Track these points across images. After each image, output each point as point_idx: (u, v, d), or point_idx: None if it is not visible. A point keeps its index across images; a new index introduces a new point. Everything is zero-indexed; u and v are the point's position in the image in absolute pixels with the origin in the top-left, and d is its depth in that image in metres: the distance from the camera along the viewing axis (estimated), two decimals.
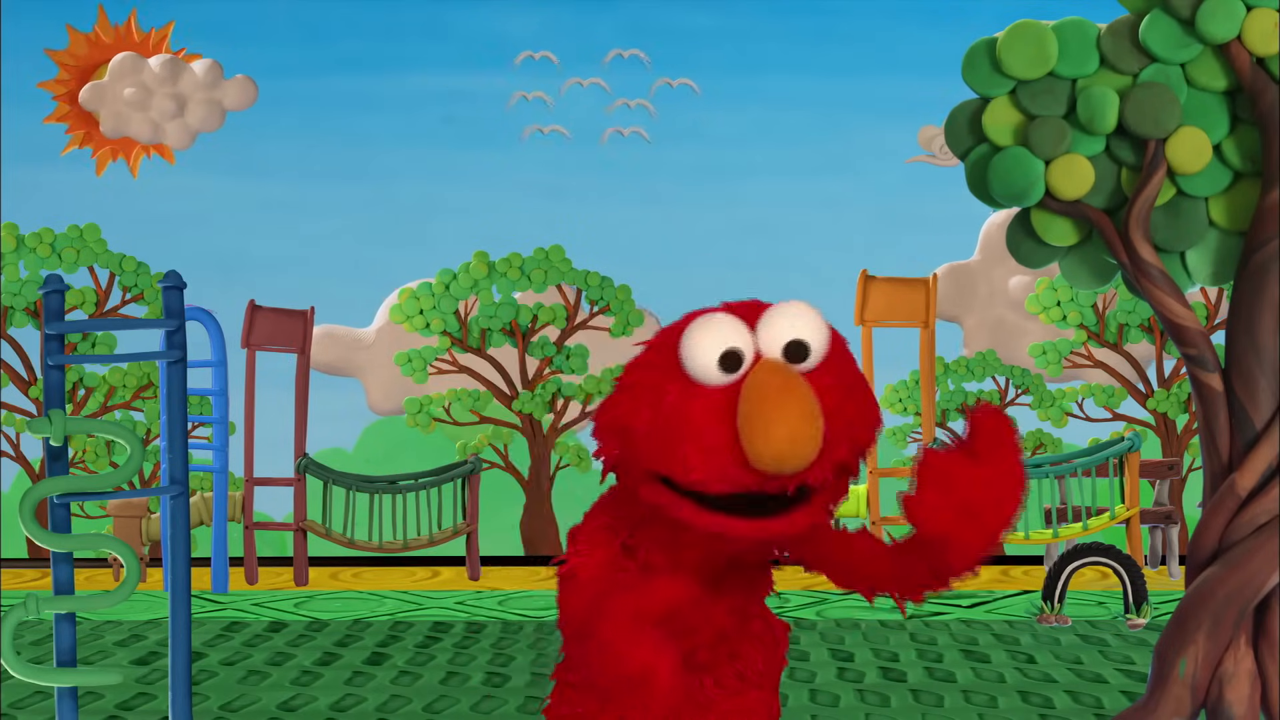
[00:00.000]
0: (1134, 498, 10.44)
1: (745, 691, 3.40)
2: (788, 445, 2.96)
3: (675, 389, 3.08)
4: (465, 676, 7.26)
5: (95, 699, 6.61)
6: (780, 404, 2.98)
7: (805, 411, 2.98)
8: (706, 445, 3.03)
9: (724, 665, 3.36)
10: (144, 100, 12.92)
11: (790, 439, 2.96)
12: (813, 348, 3.10)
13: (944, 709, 6.46)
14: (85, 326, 5.17)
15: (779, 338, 3.10)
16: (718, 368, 3.06)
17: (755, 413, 2.98)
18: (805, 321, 3.12)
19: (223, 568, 10.61)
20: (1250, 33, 5.09)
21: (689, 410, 3.05)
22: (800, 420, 2.97)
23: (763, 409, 2.98)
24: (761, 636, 3.42)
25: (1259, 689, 5.17)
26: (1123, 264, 5.21)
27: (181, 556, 5.03)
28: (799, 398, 3.00)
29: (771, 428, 2.96)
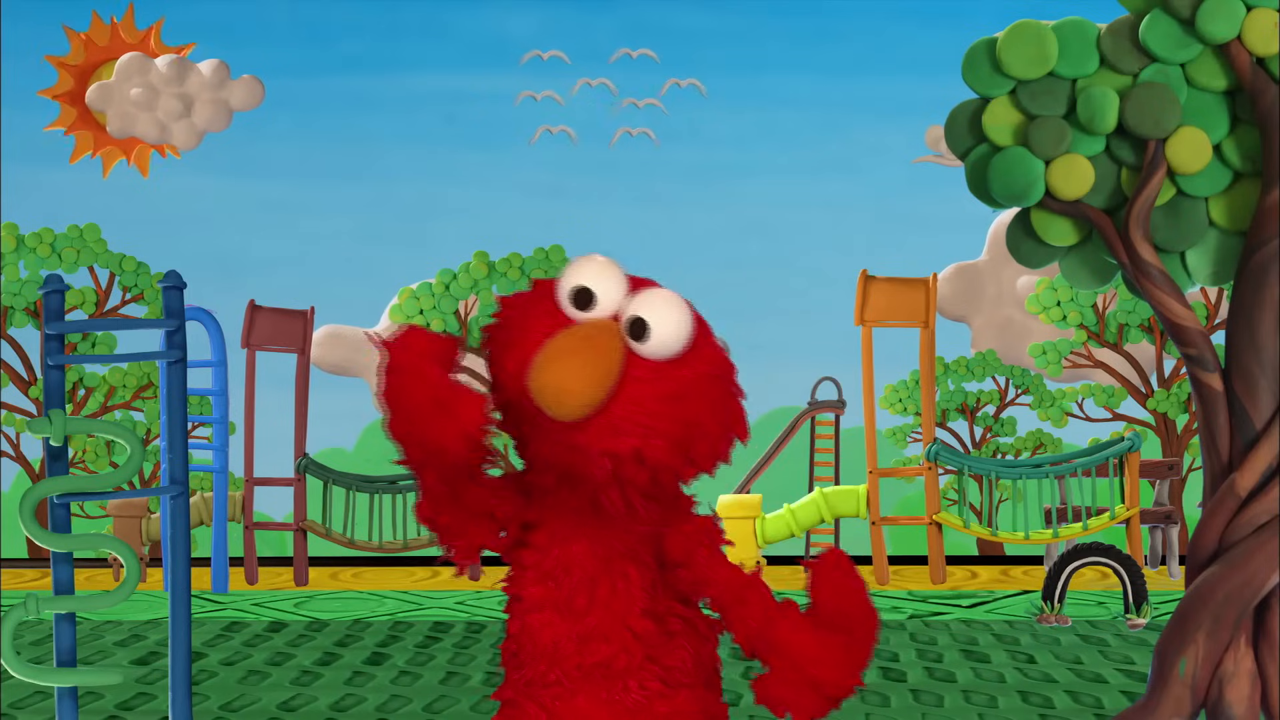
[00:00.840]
0: (1134, 498, 10.44)
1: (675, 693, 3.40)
2: (552, 384, 3.06)
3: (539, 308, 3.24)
4: (465, 676, 7.27)
5: (95, 699, 6.61)
6: (568, 349, 3.09)
7: (586, 370, 3.09)
8: (524, 357, 3.15)
9: (645, 669, 3.38)
10: (151, 100, 12.94)
11: (556, 380, 3.06)
12: (654, 334, 3.18)
13: (944, 709, 6.46)
14: (85, 326, 5.16)
15: (635, 310, 3.21)
16: (569, 299, 3.21)
17: (550, 346, 3.11)
18: (664, 311, 3.21)
19: (223, 568, 10.61)
20: (1250, 33, 5.08)
21: (532, 323, 3.20)
22: (574, 371, 3.07)
23: (555, 346, 3.10)
24: (683, 634, 3.43)
25: (1259, 689, 5.17)
26: (1123, 264, 5.21)
27: (181, 556, 5.03)
28: (590, 355, 3.10)
29: (549, 364, 3.07)
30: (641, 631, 3.35)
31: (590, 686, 3.36)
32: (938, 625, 8.83)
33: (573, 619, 3.35)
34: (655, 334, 3.18)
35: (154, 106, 13.05)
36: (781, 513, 11.32)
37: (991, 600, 9.92)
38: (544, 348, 3.11)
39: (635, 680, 3.37)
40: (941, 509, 11.04)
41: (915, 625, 8.82)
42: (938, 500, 11.02)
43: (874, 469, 11.12)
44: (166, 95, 13.06)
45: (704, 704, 3.46)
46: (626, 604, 3.35)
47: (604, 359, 3.11)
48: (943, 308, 13.72)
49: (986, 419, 14.01)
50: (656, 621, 3.38)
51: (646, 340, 3.18)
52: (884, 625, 8.75)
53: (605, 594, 3.33)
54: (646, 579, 3.38)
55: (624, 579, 3.35)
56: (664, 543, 3.37)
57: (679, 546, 3.37)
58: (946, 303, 13.70)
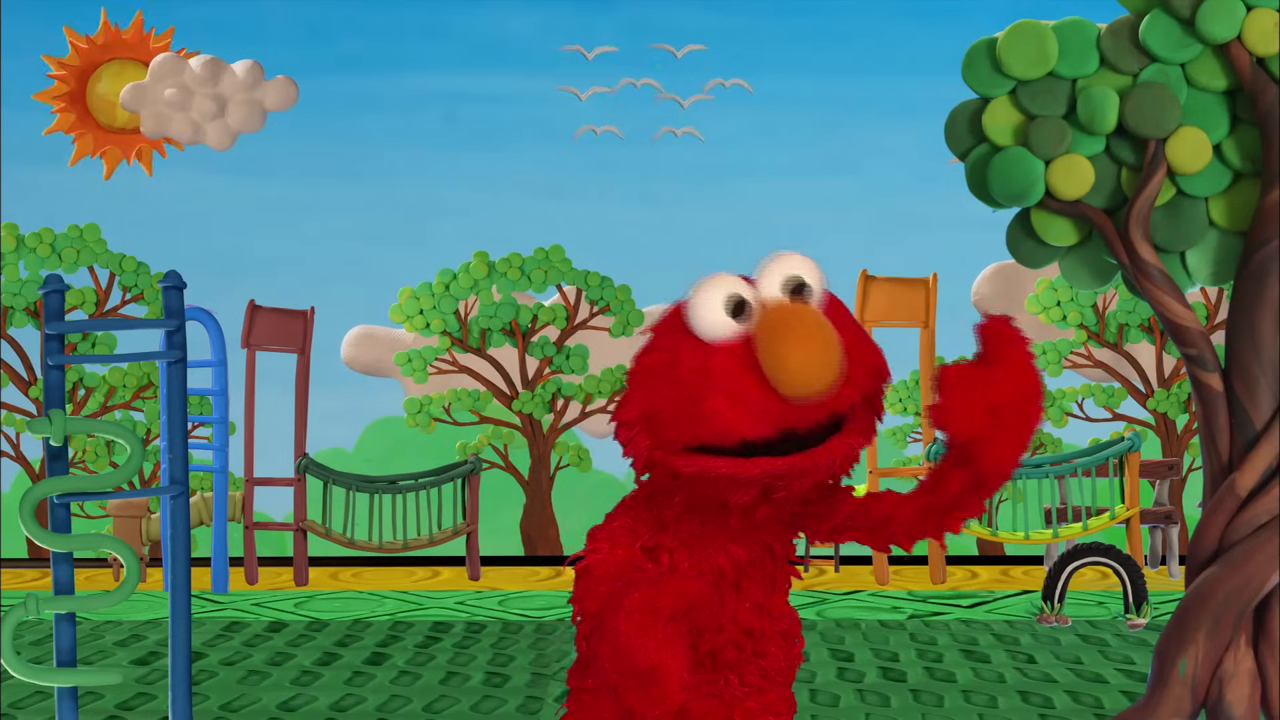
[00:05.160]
0: (1134, 498, 10.44)
1: (768, 689, 3.41)
2: (810, 367, 3.06)
3: (689, 355, 3.16)
4: (465, 676, 7.26)
5: (95, 699, 6.61)
6: (795, 330, 3.09)
7: (821, 336, 3.10)
8: (733, 392, 3.10)
9: (748, 664, 3.39)
10: (184, 101, 12.94)
11: (811, 360, 3.06)
12: (811, 285, 3.23)
13: (944, 709, 6.46)
14: (85, 326, 5.17)
15: (778, 280, 3.23)
16: (727, 316, 3.17)
17: (774, 342, 3.08)
18: (800, 262, 3.27)
19: (223, 568, 10.61)
20: (1250, 33, 5.08)
21: (708, 367, 3.14)
22: (817, 344, 3.08)
23: (780, 337, 3.08)
24: (784, 633, 3.44)
25: (1259, 689, 5.17)
26: (1123, 264, 5.21)
27: (181, 556, 5.03)
28: (812, 323, 3.12)
29: (792, 352, 3.06)
30: (751, 627, 3.35)
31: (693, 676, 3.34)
32: (938, 625, 8.83)
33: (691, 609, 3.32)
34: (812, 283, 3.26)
35: (188, 107, 13.05)
36: None
37: (991, 600, 9.92)
38: (768, 349, 3.07)
39: (735, 675, 3.37)
40: None
41: (915, 625, 8.82)
42: None
43: (874, 469, 11.12)
44: (200, 96, 13.06)
45: (789, 702, 3.47)
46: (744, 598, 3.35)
47: (822, 319, 3.15)
48: (982, 308, 13.72)
49: None
50: (766, 618, 3.38)
51: (809, 294, 3.24)
52: (884, 625, 8.78)
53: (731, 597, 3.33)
54: (769, 574, 3.38)
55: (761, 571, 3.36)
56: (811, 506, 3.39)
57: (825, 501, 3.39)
58: (986, 303, 13.69)
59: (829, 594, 10.13)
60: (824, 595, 10.06)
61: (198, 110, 13.08)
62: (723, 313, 3.17)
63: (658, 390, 3.18)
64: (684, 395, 3.14)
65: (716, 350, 3.13)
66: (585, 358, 13.26)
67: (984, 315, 3.37)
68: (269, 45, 15.52)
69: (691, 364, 3.14)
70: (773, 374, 3.05)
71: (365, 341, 13.51)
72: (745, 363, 3.09)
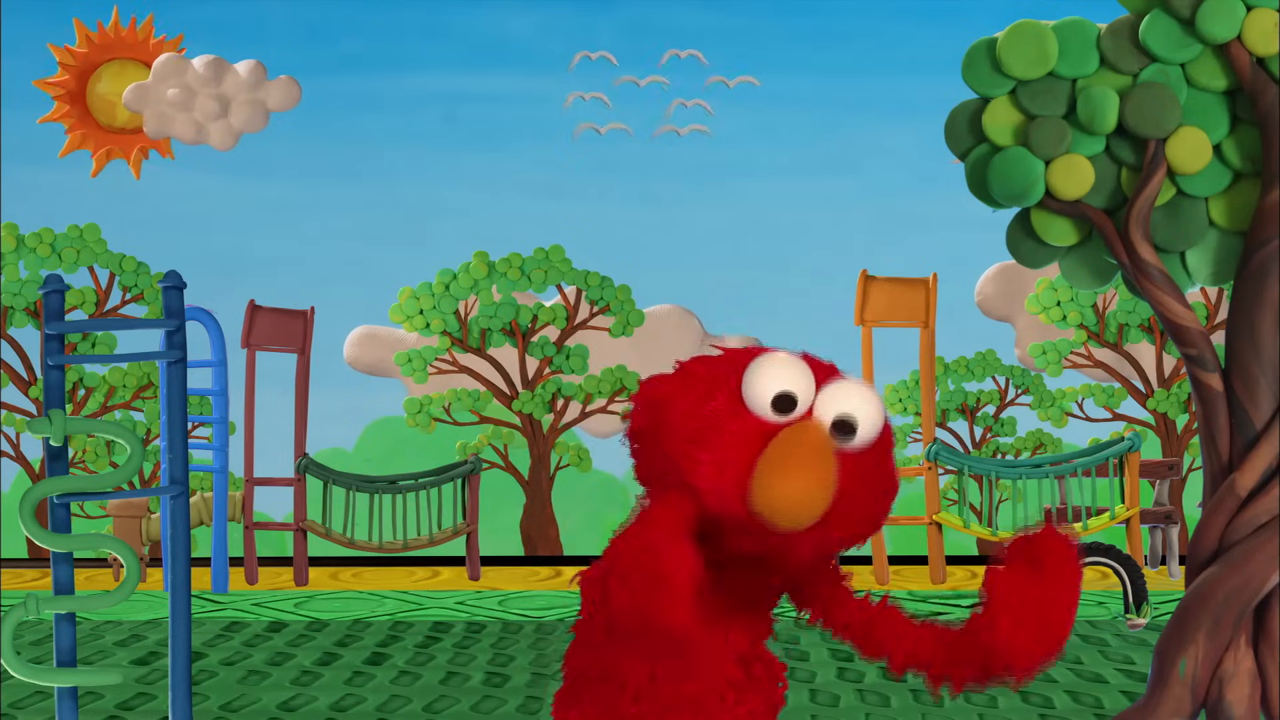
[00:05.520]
0: (1134, 498, 10.44)
1: None
2: (793, 504, 3.02)
3: (725, 398, 3.13)
4: (465, 676, 7.26)
5: (95, 699, 6.61)
6: (806, 463, 3.04)
7: (822, 480, 3.04)
8: (723, 460, 3.07)
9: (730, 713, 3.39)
10: (187, 101, 12.94)
11: (798, 501, 3.02)
12: (860, 432, 3.15)
13: (944, 709, 6.45)
14: (85, 326, 5.17)
15: (836, 407, 3.14)
16: (769, 405, 3.12)
17: (779, 458, 3.04)
18: (864, 405, 3.16)
19: (223, 568, 10.61)
20: (1250, 33, 5.08)
21: (726, 422, 3.10)
22: (814, 486, 3.03)
23: (788, 459, 3.03)
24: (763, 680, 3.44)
25: (1259, 689, 5.17)
26: (1123, 264, 5.21)
27: (181, 556, 5.03)
28: (824, 466, 3.05)
29: (788, 482, 3.02)
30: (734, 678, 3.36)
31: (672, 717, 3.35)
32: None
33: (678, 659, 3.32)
34: (861, 432, 3.15)
35: (190, 107, 13.05)
36: None
37: None
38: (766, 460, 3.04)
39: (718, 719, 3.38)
40: (941, 509, 11.04)
41: None
42: (938, 500, 11.02)
43: None
44: (203, 96, 13.06)
45: None
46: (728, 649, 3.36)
47: (830, 468, 3.07)
48: (985, 307, 13.72)
49: (986, 419, 14.01)
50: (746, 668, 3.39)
51: (853, 439, 3.15)
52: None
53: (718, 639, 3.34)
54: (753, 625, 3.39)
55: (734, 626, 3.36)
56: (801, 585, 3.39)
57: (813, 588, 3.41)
58: (990, 303, 13.69)
59: None
60: None
61: (200, 110, 13.08)
62: (768, 399, 3.12)
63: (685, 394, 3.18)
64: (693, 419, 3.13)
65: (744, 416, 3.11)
66: (585, 358, 13.26)
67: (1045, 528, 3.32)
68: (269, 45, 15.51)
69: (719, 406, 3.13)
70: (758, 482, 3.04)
71: (368, 341, 13.51)
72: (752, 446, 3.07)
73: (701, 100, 15.17)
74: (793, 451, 3.06)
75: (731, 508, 3.07)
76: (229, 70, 13.23)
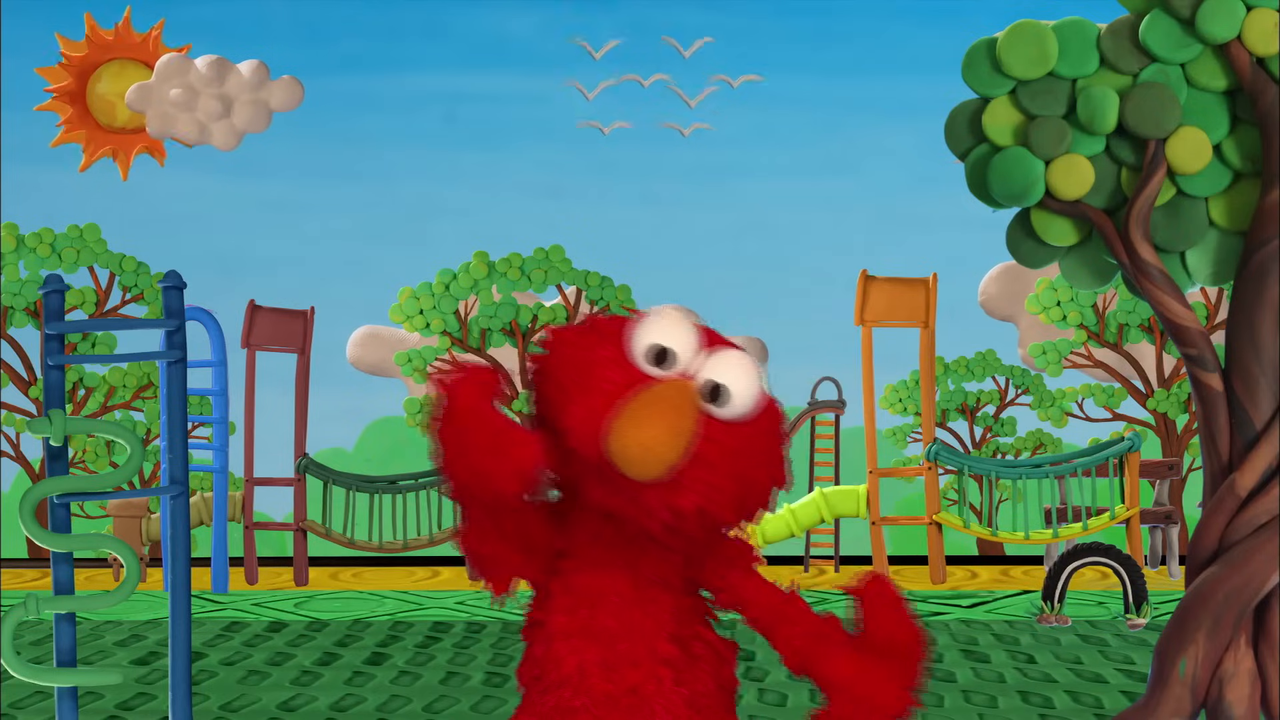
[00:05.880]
0: (1134, 498, 10.44)
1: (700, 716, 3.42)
2: (640, 450, 3.07)
3: (613, 350, 3.22)
4: (465, 676, 7.27)
5: (95, 699, 6.61)
6: (660, 415, 3.09)
7: (675, 439, 3.09)
8: (593, 406, 3.13)
9: (671, 694, 3.40)
10: (190, 101, 12.95)
11: (646, 448, 3.07)
12: (732, 399, 3.18)
13: (944, 709, 6.46)
14: (85, 326, 5.16)
15: (712, 372, 3.19)
16: (644, 357, 3.19)
17: (640, 407, 3.10)
18: (740, 375, 3.20)
19: (223, 568, 10.61)
20: (1250, 33, 5.08)
21: (606, 371, 3.18)
22: (666, 441, 3.08)
23: (646, 409, 3.10)
24: (705, 658, 3.44)
25: (1259, 689, 5.17)
26: (1123, 264, 5.21)
27: (181, 556, 5.03)
28: (679, 421, 3.10)
29: (639, 428, 3.08)
30: (668, 656, 3.37)
31: (616, 713, 3.37)
32: (938, 625, 8.83)
33: (601, 646, 3.37)
34: (733, 401, 3.19)
35: (193, 107, 13.06)
36: (781, 513, 11.32)
37: (991, 600, 9.92)
38: (627, 407, 3.10)
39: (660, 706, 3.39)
40: (941, 509, 11.04)
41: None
42: (938, 500, 11.02)
43: (874, 469, 11.12)
44: (206, 96, 13.07)
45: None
46: (655, 629, 3.37)
47: (688, 423, 3.11)
48: (988, 307, 13.73)
49: (986, 419, 14.01)
50: (682, 646, 3.40)
51: (724, 405, 3.18)
52: None
53: (637, 619, 3.36)
54: (675, 604, 3.40)
55: (654, 604, 3.37)
56: (700, 568, 3.40)
57: (715, 571, 3.40)
58: (993, 302, 13.70)
59: (829, 594, 10.13)
60: (824, 595, 10.05)
61: (203, 110, 13.09)
62: (643, 352, 3.20)
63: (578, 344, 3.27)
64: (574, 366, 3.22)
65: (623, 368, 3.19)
66: None
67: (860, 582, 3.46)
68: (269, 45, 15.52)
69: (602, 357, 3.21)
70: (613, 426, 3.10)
71: (371, 342, 13.52)
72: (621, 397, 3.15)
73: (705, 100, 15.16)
74: (651, 402, 3.11)
75: (590, 450, 3.12)
76: (232, 70, 13.23)
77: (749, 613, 3.41)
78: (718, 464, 3.16)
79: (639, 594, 3.37)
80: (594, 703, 3.36)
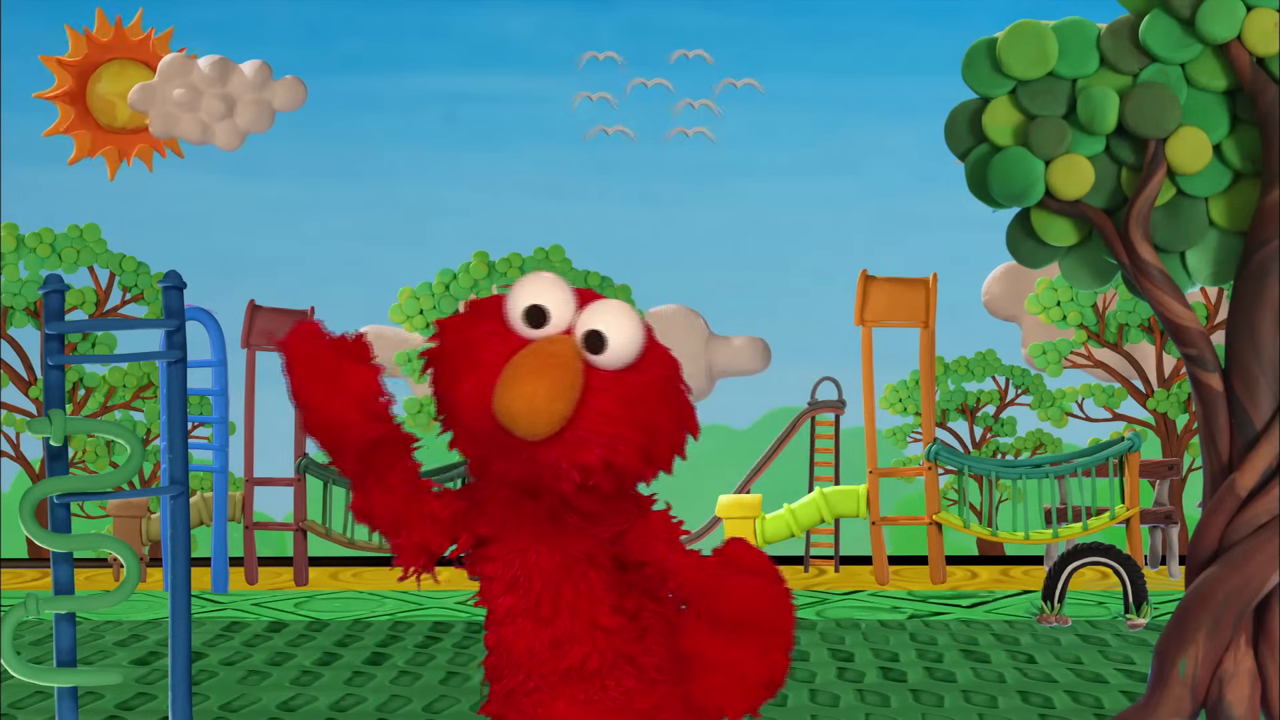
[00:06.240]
0: (1134, 498, 10.44)
1: (653, 688, 3.44)
2: (520, 405, 3.11)
3: (493, 324, 3.28)
4: (465, 676, 7.27)
5: (95, 699, 6.61)
6: (534, 368, 3.14)
7: (554, 388, 3.13)
8: (482, 380, 3.19)
9: (619, 667, 3.43)
10: (193, 101, 12.94)
11: (525, 401, 3.11)
12: (610, 345, 3.22)
13: (944, 709, 6.46)
14: (85, 326, 5.17)
15: (590, 323, 3.24)
16: (520, 317, 3.24)
17: (514, 366, 3.15)
18: (617, 321, 3.24)
19: (223, 568, 10.61)
20: (1250, 33, 5.09)
21: (489, 343, 3.24)
22: (544, 392, 3.12)
23: (520, 366, 3.15)
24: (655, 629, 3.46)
25: (1259, 689, 5.17)
26: (1123, 264, 5.21)
27: (181, 556, 5.03)
28: (556, 373, 3.15)
29: (516, 385, 3.12)
30: (613, 627, 3.40)
31: (569, 690, 3.41)
32: (938, 625, 8.83)
33: (543, 625, 3.41)
34: (612, 345, 3.23)
35: (196, 107, 13.05)
36: (781, 513, 11.31)
37: (991, 600, 9.92)
38: (507, 368, 3.15)
39: (611, 679, 3.42)
40: (941, 509, 11.04)
41: (915, 625, 8.82)
42: (938, 500, 11.02)
43: (874, 469, 11.12)
44: (209, 96, 13.06)
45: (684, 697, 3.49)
46: (592, 604, 3.40)
47: (570, 375, 3.15)
48: (992, 307, 13.72)
49: (986, 419, 14.01)
50: (628, 618, 3.43)
51: (604, 352, 3.23)
52: (884, 625, 8.77)
53: (570, 597, 3.40)
54: (609, 579, 3.44)
55: (585, 581, 3.41)
56: (624, 542, 3.42)
57: (638, 544, 3.43)
58: (996, 302, 13.69)
59: (829, 594, 10.13)
60: (824, 595, 10.05)
61: (206, 110, 13.09)
62: (520, 313, 3.26)
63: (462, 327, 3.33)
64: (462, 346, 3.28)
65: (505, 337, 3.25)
66: None
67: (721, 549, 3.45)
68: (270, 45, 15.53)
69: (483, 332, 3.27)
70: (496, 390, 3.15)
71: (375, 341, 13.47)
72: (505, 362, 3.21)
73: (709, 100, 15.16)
74: (529, 358, 3.16)
75: (484, 422, 3.17)
76: (235, 70, 13.23)
77: (671, 584, 3.43)
78: (614, 413, 3.19)
79: (568, 571, 3.41)
80: (545, 682, 3.41)
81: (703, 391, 13.67)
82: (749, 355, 13.71)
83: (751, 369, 13.76)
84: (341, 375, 3.30)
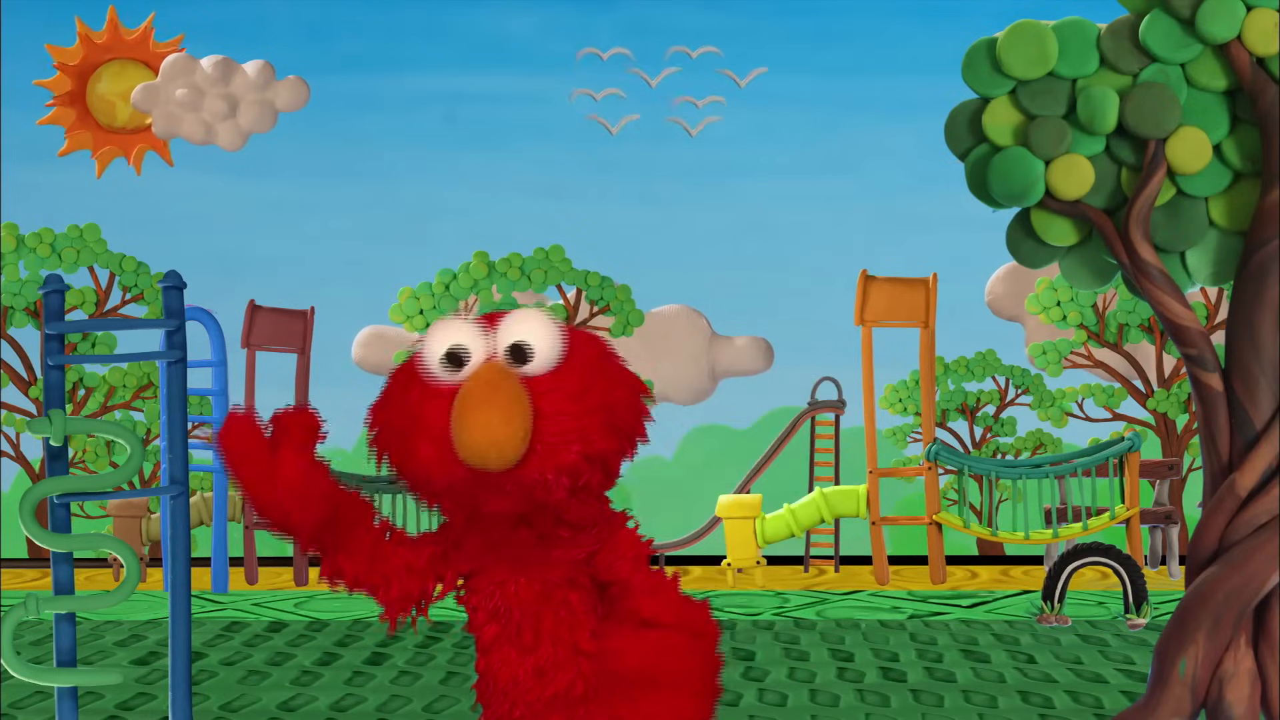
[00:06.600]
0: (1134, 498, 10.44)
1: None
2: (484, 442, 3.15)
3: (418, 389, 3.31)
4: (465, 677, 7.26)
5: (95, 699, 6.61)
6: (479, 403, 3.18)
7: (505, 413, 3.18)
8: (435, 438, 3.23)
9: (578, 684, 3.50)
10: (196, 101, 12.95)
11: (485, 436, 3.16)
12: (536, 351, 3.27)
13: (944, 709, 6.46)
14: (85, 326, 5.17)
15: (504, 340, 3.29)
16: (441, 367, 3.28)
17: (459, 409, 3.19)
18: (529, 326, 3.30)
19: (223, 568, 10.61)
20: (1250, 33, 5.08)
21: (423, 406, 3.27)
22: (498, 420, 3.17)
23: (464, 406, 3.19)
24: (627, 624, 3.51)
25: (1259, 689, 5.17)
26: (1123, 264, 5.21)
27: (181, 556, 5.03)
28: (500, 399, 3.19)
29: (469, 425, 3.17)
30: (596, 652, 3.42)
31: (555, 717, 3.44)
32: (938, 625, 8.83)
33: (526, 653, 3.46)
34: (537, 351, 3.29)
35: (199, 107, 13.06)
36: (781, 513, 11.32)
37: (991, 600, 9.92)
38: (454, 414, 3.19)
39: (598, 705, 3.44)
40: (941, 509, 11.04)
41: (915, 625, 8.82)
42: (938, 500, 11.02)
43: (874, 469, 11.12)
44: (212, 96, 13.07)
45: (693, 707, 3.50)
46: (574, 630, 3.44)
47: (512, 394, 3.21)
48: (995, 308, 13.73)
49: (986, 419, 14.01)
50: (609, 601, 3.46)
51: (533, 359, 3.28)
52: (884, 625, 8.77)
53: (551, 625, 3.44)
54: (590, 600, 3.46)
55: (566, 607, 3.45)
56: (595, 562, 3.47)
57: (605, 563, 3.49)
58: (1000, 303, 13.69)
59: (829, 594, 10.13)
60: (824, 595, 10.05)
61: (209, 110, 13.09)
62: (438, 364, 3.29)
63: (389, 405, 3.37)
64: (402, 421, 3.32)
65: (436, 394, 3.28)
66: None
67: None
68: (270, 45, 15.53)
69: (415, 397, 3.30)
70: (455, 437, 3.19)
71: (376, 341, 13.51)
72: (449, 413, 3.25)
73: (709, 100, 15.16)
74: (470, 396, 3.20)
75: (454, 474, 3.22)
76: (237, 70, 13.23)
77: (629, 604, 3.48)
78: (569, 409, 3.24)
79: (547, 599, 3.44)
80: (530, 710, 3.46)
81: (705, 391, 13.68)
82: (752, 355, 13.72)
83: (754, 369, 13.77)
84: (278, 467, 3.32)
